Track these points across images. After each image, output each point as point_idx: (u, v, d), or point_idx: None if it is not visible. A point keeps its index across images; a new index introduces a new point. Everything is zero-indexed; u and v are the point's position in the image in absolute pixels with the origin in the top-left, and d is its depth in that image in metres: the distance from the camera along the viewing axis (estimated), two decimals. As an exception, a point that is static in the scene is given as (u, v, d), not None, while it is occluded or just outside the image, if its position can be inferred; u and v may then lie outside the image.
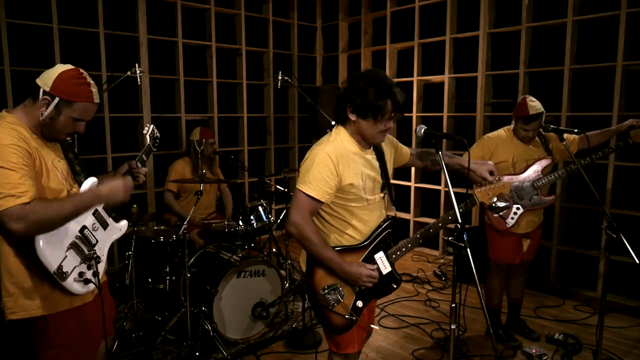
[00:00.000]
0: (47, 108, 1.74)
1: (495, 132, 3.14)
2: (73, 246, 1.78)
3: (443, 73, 5.07)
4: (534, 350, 3.09)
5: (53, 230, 1.69)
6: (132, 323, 3.42)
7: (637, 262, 2.23)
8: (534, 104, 2.89)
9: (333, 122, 3.93)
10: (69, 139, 1.89)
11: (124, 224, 2.06)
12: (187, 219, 3.16)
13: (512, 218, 3.03)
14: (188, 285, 3.11)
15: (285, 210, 4.29)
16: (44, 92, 1.74)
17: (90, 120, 1.84)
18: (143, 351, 3.12)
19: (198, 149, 4.00)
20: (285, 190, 4.30)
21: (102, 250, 1.92)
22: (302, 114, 6.22)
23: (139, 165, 2.09)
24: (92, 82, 1.82)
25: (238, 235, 3.48)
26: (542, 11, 4.37)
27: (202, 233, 3.96)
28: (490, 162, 2.22)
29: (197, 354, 3.02)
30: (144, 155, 2.15)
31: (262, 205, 3.70)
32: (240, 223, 3.52)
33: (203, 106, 5.41)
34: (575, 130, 2.91)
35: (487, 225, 3.19)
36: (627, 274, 3.92)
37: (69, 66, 1.80)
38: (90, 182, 1.88)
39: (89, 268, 1.84)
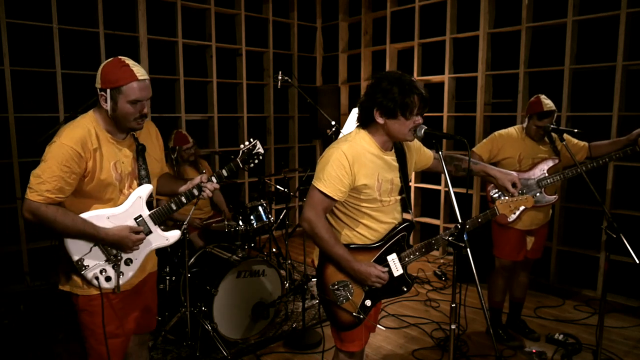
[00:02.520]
0: (106, 102, 1.84)
1: (506, 130, 3.18)
2: (98, 244, 1.89)
3: (443, 73, 5.07)
4: (534, 350, 3.10)
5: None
6: (132, 323, 3.42)
7: (637, 262, 2.23)
8: (547, 102, 2.97)
9: (333, 122, 3.94)
10: (140, 124, 1.91)
11: (172, 234, 2.07)
12: (187, 220, 3.15)
13: (515, 213, 3.04)
14: (188, 285, 3.11)
15: (285, 210, 4.30)
16: (99, 90, 1.85)
17: (147, 98, 1.89)
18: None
19: (172, 156, 3.82)
20: (285, 190, 4.31)
21: (137, 254, 1.98)
22: (302, 114, 6.22)
23: (213, 180, 2.07)
24: (131, 62, 1.86)
25: (238, 235, 3.48)
26: (542, 11, 4.37)
27: (202, 233, 3.96)
28: (514, 173, 2.23)
29: (197, 354, 3.02)
30: (224, 171, 2.09)
31: (262, 205, 3.70)
32: (240, 223, 3.52)
33: (203, 106, 5.41)
34: (575, 131, 2.91)
35: (492, 222, 3.20)
36: (627, 274, 3.92)
37: (111, 59, 1.87)
38: (144, 188, 1.96)
39: (113, 268, 1.92)
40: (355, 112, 2.07)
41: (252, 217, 3.59)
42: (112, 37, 4.58)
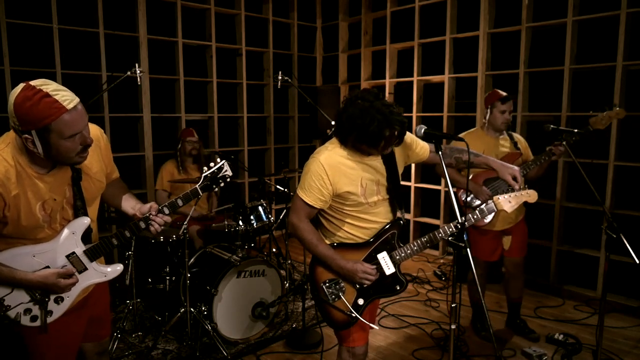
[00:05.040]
0: (34, 145, 1.51)
1: (467, 131, 3.30)
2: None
3: (443, 73, 5.07)
4: (534, 350, 3.10)
5: None
6: (132, 323, 3.43)
7: (637, 262, 2.23)
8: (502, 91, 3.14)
9: (333, 122, 3.94)
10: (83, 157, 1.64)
11: (112, 269, 1.83)
12: (188, 218, 3.16)
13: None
14: (188, 285, 3.11)
15: (285, 210, 4.29)
16: (20, 132, 1.51)
17: (85, 125, 1.58)
18: (143, 351, 3.12)
19: (177, 146, 4.18)
20: (285, 190, 4.31)
21: (69, 292, 1.74)
22: (302, 114, 6.22)
23: (165, 211, 1.82)
24: (51, 88, 1.49)
25: (238, 235, 3.48)
26: (542, 11, 4.37)
27: (202, 233, 3.97)
28: (515, 167, 2.22)
29: (197, 354, 3.02)
30: (179, 200, 1.83)
31: (262, 205, 3.70)
32: (240, 223, 3.52)
33: (203, 106, 5.41)
34: (575, 130, 2.91)
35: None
36: (627, 274, 3.91)
37: (19, 88, 1.49)
38: (79, 223, 1.73)
39: (40, 308, 1.69)
40: None
41: (252, 217, 3.59)
42: (112, 37, 4.58)
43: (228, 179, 1.92)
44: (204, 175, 1.89)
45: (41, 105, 1.45)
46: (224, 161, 1.91)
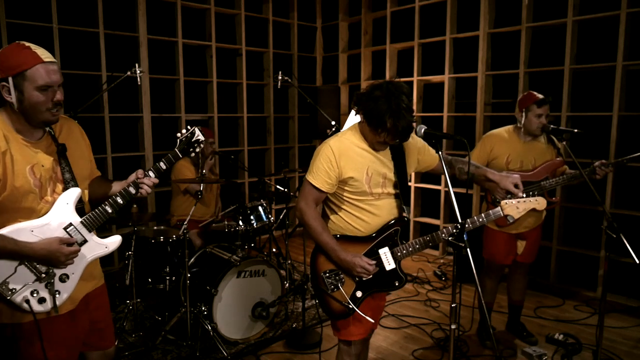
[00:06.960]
0: (10, 94, 1.63)
1: (496, 130, 3.15)
2: (24, 263, 1.67)
3: (443, 73, 5.07)
4: (534, 350, 3.09)
5: None
6: (132, 323, 3.43)
7: (637, 262, 2.23)
8: (538, 94, 2.97)
9: (333, 122, 3.94)
10: (54, 116, 1.71)
11: (111, 240, 1.85)
12: (187, 219, 3.16)
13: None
14: (188, 285, 3.11)
15: (285, 210, 4.30)
16: None
17: (58, 84, 1.69)
18: (143, 351, 3.12)
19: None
20: (285, 190, 4.30)
21: (72, 269, 1.75)
22: (302, 114, 6.22)
23: (150, 174, 1.87)
24: (34, 45, 1.70)
25: (238, 235, 3.48)
26: (542, 11, 4.37)
27: (202, 233, 3.96)
28: (516, 175, 2.19)
29: (197, 354, 3.02)
30: (162, 164, 1.90)
31: (262, 205, 3.70)
32: (240, 223, 3.53)
33: (203, 106, 5.41)
34: (575, 130, 2.90)
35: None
36: (627, 274, 3.91)
37: (8, 45, 1.69)
38: (71, 193, 1.75)
39: (46, 287, 1.70)
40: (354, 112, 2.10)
41: (252, 217, 3.59)
42: (112, 37, 4.58)
43: (202, 144, 2.01)
44: (179, 139, 1.97)
45: (22, 54, 1.64)
46: (194, 127, 2.01)
